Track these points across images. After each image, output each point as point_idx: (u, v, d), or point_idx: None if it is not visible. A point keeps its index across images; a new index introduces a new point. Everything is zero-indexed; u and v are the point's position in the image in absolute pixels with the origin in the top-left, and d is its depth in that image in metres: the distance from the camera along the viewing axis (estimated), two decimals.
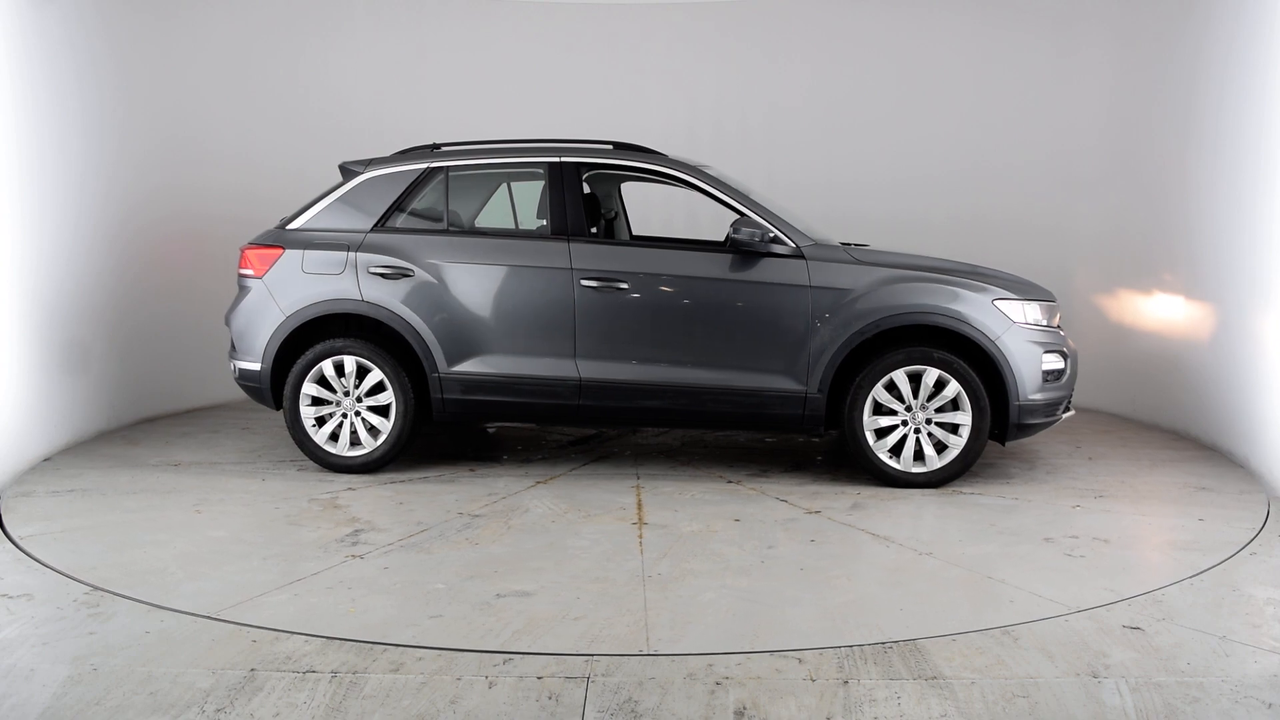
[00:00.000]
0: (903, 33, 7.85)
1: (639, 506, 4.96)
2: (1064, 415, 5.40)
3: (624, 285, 5.22)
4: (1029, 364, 5.10)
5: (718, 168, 6.23)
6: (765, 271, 5.17)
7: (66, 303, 5.90)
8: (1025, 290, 5.31)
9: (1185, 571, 4.07)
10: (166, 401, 6.89)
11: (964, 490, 5.24)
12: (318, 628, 3.49)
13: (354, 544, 4.41)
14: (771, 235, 5.18)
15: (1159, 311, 6.67)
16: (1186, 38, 6.30)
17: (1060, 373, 5.22)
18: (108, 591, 3.78)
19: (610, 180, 6.12)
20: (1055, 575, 4.02)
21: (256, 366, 5.47)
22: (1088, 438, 6.53)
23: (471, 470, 5.64)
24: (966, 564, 4.15)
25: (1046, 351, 5.15)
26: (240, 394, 6.98)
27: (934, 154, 7.76)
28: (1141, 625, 3.53)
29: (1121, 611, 3.65)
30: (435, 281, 5.32)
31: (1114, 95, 7.04)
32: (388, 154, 5.82)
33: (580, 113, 7.96)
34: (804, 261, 5.17)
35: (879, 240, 6.45)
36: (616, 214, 6.33)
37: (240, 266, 5.61)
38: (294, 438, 5.50)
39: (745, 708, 2.96)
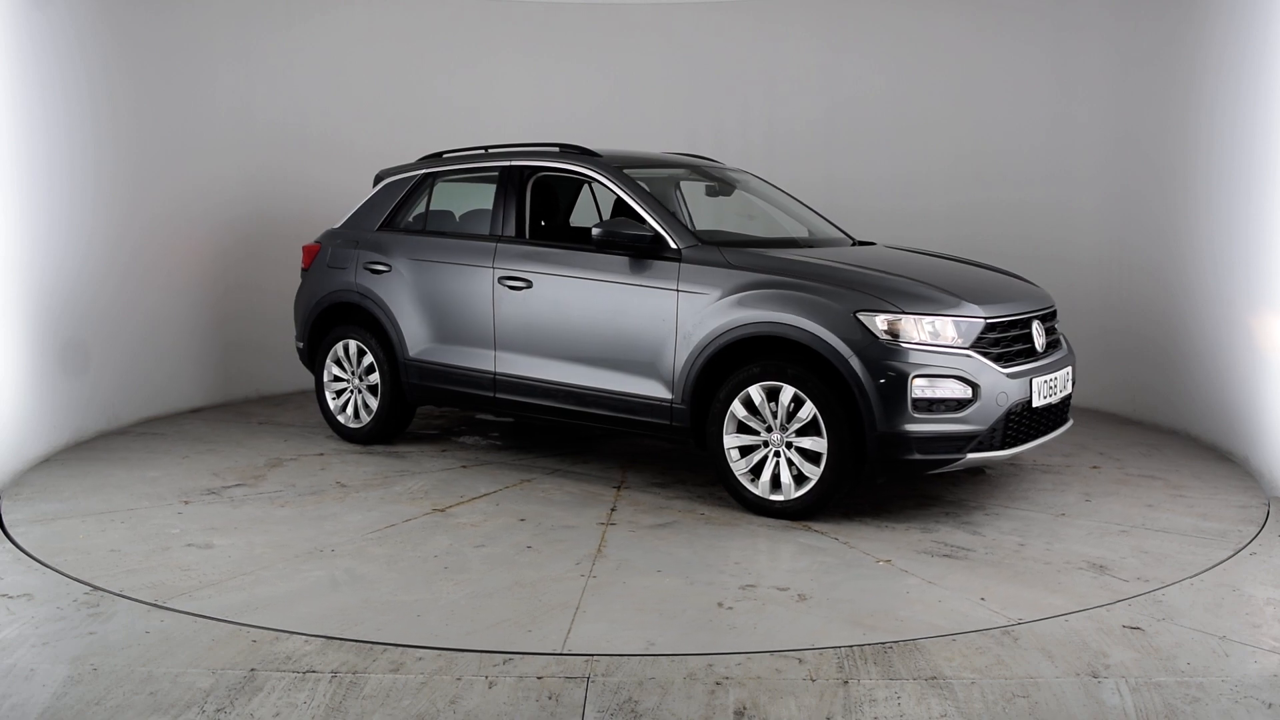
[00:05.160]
0: (906, 28, 7.85)
1: (476, 498, 5.04)
2: (976, 456, 4.47)
3: (532, 286, 5.36)
4: (893, 388, 4.36)
5: (721, 164, 6.25)
6: (647, 274, 4.98)
7: (66, 303, 5.89)
8: (937, 302, 4.54)
9: (886, 634, 3.54)
10: (167, 401, 6.89)
11: (815, 526, 4.58)
12: (88, 560, 4.09)
13: (208, 492, 5.07)
14: (651, 235, 4.98)
15: (1159, 310, 6.66)
16: (1188, 31, 6.30)
17: (960, 403, 4.37)
18: (107, 591, 3.79)
19: (666, 181, 6.03)
20: (643, 618, 3.57)
21: (303, 345, 6.39)
22: (1142, 490, 5.18)
23: (441, 450, 6.03)
24: (596, 589, 3.82)
25: (923, 375, 4.34)
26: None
27: (937, 147, 7.76)
28: (1141, 625, 3.53)
29: (1121, 611, 3.65)
30: (405, 276, 5.85)
31: (1115, 91, 7.04)
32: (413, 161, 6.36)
33: (586, 113, 7.98)
34: (678, 264, 4.92)
35: (883, 235, 6.46)
36: (673, 214, 6.30)
37: (303, 261, 6.48)
38: (320, 407, 6.33)
39: (745, 708, 2.96)
